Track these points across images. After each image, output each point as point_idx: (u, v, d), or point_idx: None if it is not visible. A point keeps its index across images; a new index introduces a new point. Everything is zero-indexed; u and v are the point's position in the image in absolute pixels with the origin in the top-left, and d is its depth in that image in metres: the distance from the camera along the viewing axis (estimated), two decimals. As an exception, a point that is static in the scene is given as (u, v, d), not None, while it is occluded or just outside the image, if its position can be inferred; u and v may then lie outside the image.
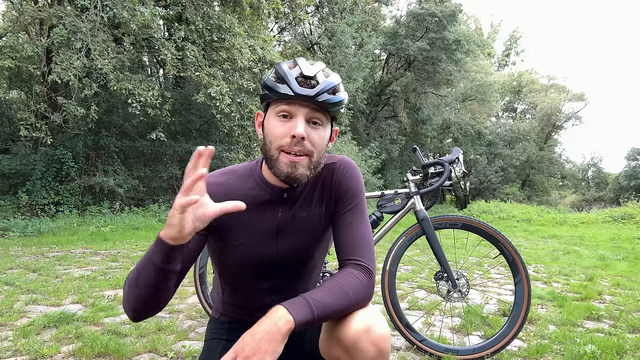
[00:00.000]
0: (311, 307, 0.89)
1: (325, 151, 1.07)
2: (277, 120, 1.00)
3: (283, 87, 0.98)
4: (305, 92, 0.97)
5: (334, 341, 0.98)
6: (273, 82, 1.00)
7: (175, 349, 2.08)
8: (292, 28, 16.60)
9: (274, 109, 1.01)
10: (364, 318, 0.94)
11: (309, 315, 0.88)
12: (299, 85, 0.97)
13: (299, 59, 1.03)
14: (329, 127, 1.06)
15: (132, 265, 4.24)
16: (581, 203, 33.24)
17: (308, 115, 0.99)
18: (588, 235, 9.05)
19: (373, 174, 16.68)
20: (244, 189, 1.08)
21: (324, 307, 0.91)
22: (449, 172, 2.14)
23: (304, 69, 1.00)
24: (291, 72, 0.99)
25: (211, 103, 8.39)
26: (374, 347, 0.91)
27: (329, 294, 0.94)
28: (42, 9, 7.49)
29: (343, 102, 1.04)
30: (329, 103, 1.00)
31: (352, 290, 0.96)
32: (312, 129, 1.00)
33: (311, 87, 0.98)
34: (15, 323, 2.40)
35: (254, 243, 1.09)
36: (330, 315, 0.93)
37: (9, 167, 8.23)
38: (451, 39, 18.22)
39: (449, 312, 2.86)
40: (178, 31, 8.00)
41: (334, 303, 0.93)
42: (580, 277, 4.32)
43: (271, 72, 1.04)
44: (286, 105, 0.99)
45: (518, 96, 34.04)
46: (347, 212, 1.09)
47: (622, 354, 2.13)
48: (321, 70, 1.02)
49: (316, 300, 0.91)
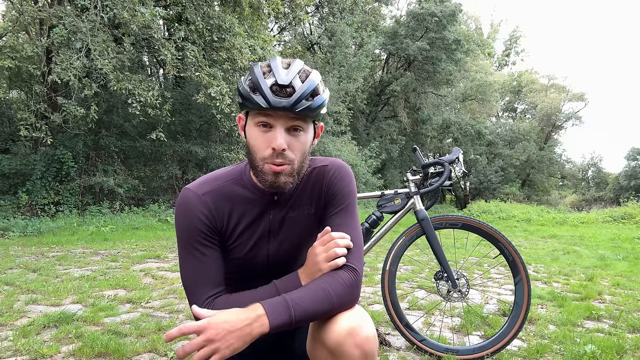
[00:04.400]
0: (289, 310, 0.89)
1: (310, 152, 1.06)
2: (257, 130, 0.98)
3: (257, 98, 0.94)
4: (281, 104, 0.92)
5: (318, 343, 0.97)
6: (248, 92, 0.95)
7: (175, 348, 2.08)
8: (292, 28, 16.60)
9: (252, 119, 0.99)
10: (348, 320, 0.93)
11: (286, 320, 0.88)
12: (274, 96, 0.93)
13: (273, 62, 0.98)
14: (311, 128, 1.03)
15: (132, 266, 4.24)
16: (581, 203, 33.24)
17: (287, 124, 0.96)
18: (588, 235, 9.04)
19: (373, 174, 16.68)
20: (237, 194, 1.08)
21: (303, 310, 0.90)
22: (449, 172, 2.14)
23: (278, 76, 0.94)
24: (265, 82, 0.94)
25: (211, 103, 8.39)
26: (358, 349, 0.90)
27: (310, 296, 0.93)
28: (42, 9, 7.49)
29: (324, 105, 1.01)
30: (309, 110, 0.96)
31: (334, 292, 0.95)
32: (293, 136, 0.98)
33: (288, 95, 0.93)
34: (15, 323, 2.40)
35: (247, 245, 1.09)
36: (310, 318, 0.93)
37: (9, 167, 8.22)
38: (451, 38, 18.22)
39: (449, 312, 2.86)
40: (178, 31, 8.00)
41: (315, 306, 0.92)
42: (580, 277, 4.32)
43: (246, 77, 1.00)
44: (263, 117, 0.96)
45: (518, 96, 34.03)
46: (336, 213, 1.09)
47: (622, 354, 2.12)
48: (297, 75, 0.96)
49: (296, 303, 0.90)
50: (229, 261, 1.10)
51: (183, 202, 1.05)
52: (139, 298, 2.97)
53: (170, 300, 3.00)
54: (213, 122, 10.11)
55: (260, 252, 1.11)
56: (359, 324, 0.93)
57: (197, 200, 1.04)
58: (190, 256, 1.04)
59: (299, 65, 1.00)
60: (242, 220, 1.08)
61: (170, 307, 2.81)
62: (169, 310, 2.74)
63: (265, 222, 1.09)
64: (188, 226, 1.03)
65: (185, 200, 1.05)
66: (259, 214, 1.09)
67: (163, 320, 2.51)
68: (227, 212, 1.07)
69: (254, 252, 1.10)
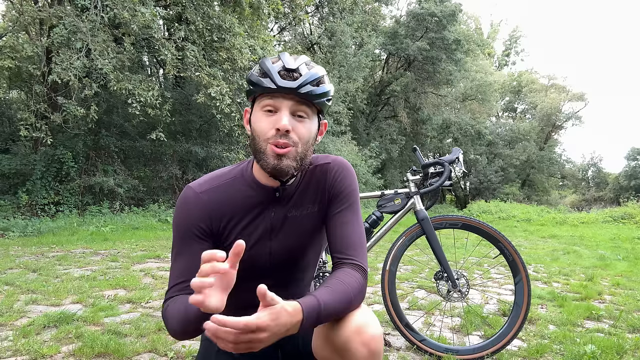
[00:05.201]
0: (319, 311, 0.88)
1: (313, 145, 1.07)
2: (263, 114, 1.01)
3: (266, 80, 0.98)
4: (287, 85, 0.97)
5: (325, 341, 0.97)
6: (257, 77, 1.00)
7: (175, 348, 2.08)
8: (292, 28, 16.59)
9: (259, 104, 1.02)
10: (355, 318, 0.93)
11: (313, 323, 0.88)
12: (281, 79, 0.98)
13: (282, 54, 1.04)
14: (315, 120, 1.05)
15: (132, 266, 4.24)
16: (581, 203, 33.28)
17: (292, 108, 1.00)
18: (588, 235, 9.04)
19: (373, 174, 16.68)
20: (237, 192, 1.08)
21: (327, 314, 0.90)
22: (449, 172, 2.14)
23: (286, 62, 1.00)
24: (274, 67, 0.99)
25: (211, 103, 8.39)
26: (365, 348, 0.90)
27: (333, 295, 0.92)
28: (42, 9, 7.48)
29: (328, 94, 1.04)
30: (313, 94, 0.99)
31: (354, 291, 0.96)
32: (298, 121, 1.00)
33: (293, 79, 0.98)
34: (15, 323, 2.40)
35: (249, 244, 1.08)
36: (332, 317, 0.93)
37: (9, 167, 8.23)
38: (451, 38, 18.22)
39: (449, 312, 2.86)
40: (178, 31, 8.01)
41: (336, 306, 0.92)
42: (580, 277, 4.32)
43: (256, 67, 1.04)
44: (270, 100, 0.99)
45: (518, 96, 34.02)
46: (341, 211, 1.09)
47: (622, 354, 2.12)
48: (304, 63, 1.02)
49: (324, 309, 0.89)
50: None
51: (182, 199, 1.08)
52: (139, 298, 2.97)
53: (170, 300, 3.00)
54: (213, 122, 10.11)
55: (262, 250, 1.10)
56: (366, 323, 0.93)
57: (194, 198, 1.06)
58: (178, 256, 1.06)
59: (305, 58, 1.05)
60: (243, 218, 1.08)
61: (170, 307, 2.81)
62: (169, 310, 2.74)
63: (267, 219, 1.09)
64: (183, 223, 1.05)
65: (184, 198, 1.07)
66: (260, 211, 1.08)
67: (163, 320, 2.50)
68: (226, 211, 1.07)
69: (255, 250, 1.09)
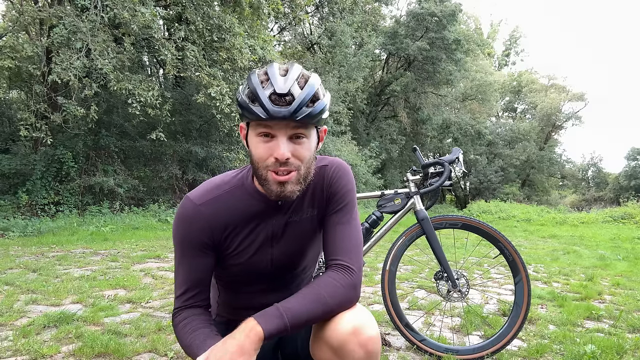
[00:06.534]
0: (282, 317, 0.90)
1: (315, 156, 1.05)
2: (259, 140, 0.95)
3: (257, 108, 0.91)
4: (281, 113, 0.89)
5: (322, 343, 0.97)
6: (246, 103, 0.93)
7: (175, 348, 2.08)
8: (292, 28, 16.60)
9: (253, 129, 0.96)
10: (351, 319, 0.93)
11: (280, 325, 0.89)
12: (273, 105, 0.90)
13: (270, 69, 0.95)
14: (314, 133, 1.01)
15: (132, 266, 4.24)
16: (581, 203, 33.27)
17: (290, 133, 0.94)
18: (588, 235, 9.04)
19: (373, 174, 16.69)
20: (239, 202, 1.06)
21: (295, 315, 0.91)
22: (449, 172, 2.14)
23: (276, 85, 0.91)
24: (263, 92, 0.91)
25: (211, 103, 8.39)
26: (362, 349, 0.90)
27: (302, 300, 0.93)
28: (42, 9, 7.49)
29: (325, 110, 0.98)
30: (310, 117, 0.93)
31: (328, 294, 0.95)
32: (297, 143, 0.95)
33: (287, 104, 0.90)
34: (15, 323, 2.40)
35: (250, 251, 1.09)
36: (306, 322, 0.93)
37: (9, 167, 8.22)
38: (451, 38, 18.23)
39: (449, 312, 2.86)
40: (178, 31, 8.00)
41: (308, 309, 0.92)
42: (580, 277, 4.31)
43: (244, 87, 0.97)
44: (264, 128, 0.93)
45: (518, 96, 34.02)
46: (335, 212, 1.09)
47: (622, 354, 2.12)
48: (295, 82, 0.93)
49: (287, 309, 0.91)
50: (231, 266, 1.10)
51: (181, 213, 1.05)
52: (139, 298, 2.97)
53: (170, 300, 3.00)
54: (213, 122, 10.11)
55: (263, 257, 1.10)
56: (362, 324, 0.93)
57: (194, 212, 1.04)
58: (180, 265, 1.06)
59: (297, 70, 0.96)
60: (244, 227, 1.07)
61: (170, 307, 2.81)
62: (169, 310, 2.74)
63: (269, 227, 1.08)
64: (185, 239, 1.04)
65: (184, 212, 1.05)
66: (262, 220, 1.08)
67: (163, 320, 2.51)
68: (227, 221, 1.05)
69: (257, 257, 1.09)
